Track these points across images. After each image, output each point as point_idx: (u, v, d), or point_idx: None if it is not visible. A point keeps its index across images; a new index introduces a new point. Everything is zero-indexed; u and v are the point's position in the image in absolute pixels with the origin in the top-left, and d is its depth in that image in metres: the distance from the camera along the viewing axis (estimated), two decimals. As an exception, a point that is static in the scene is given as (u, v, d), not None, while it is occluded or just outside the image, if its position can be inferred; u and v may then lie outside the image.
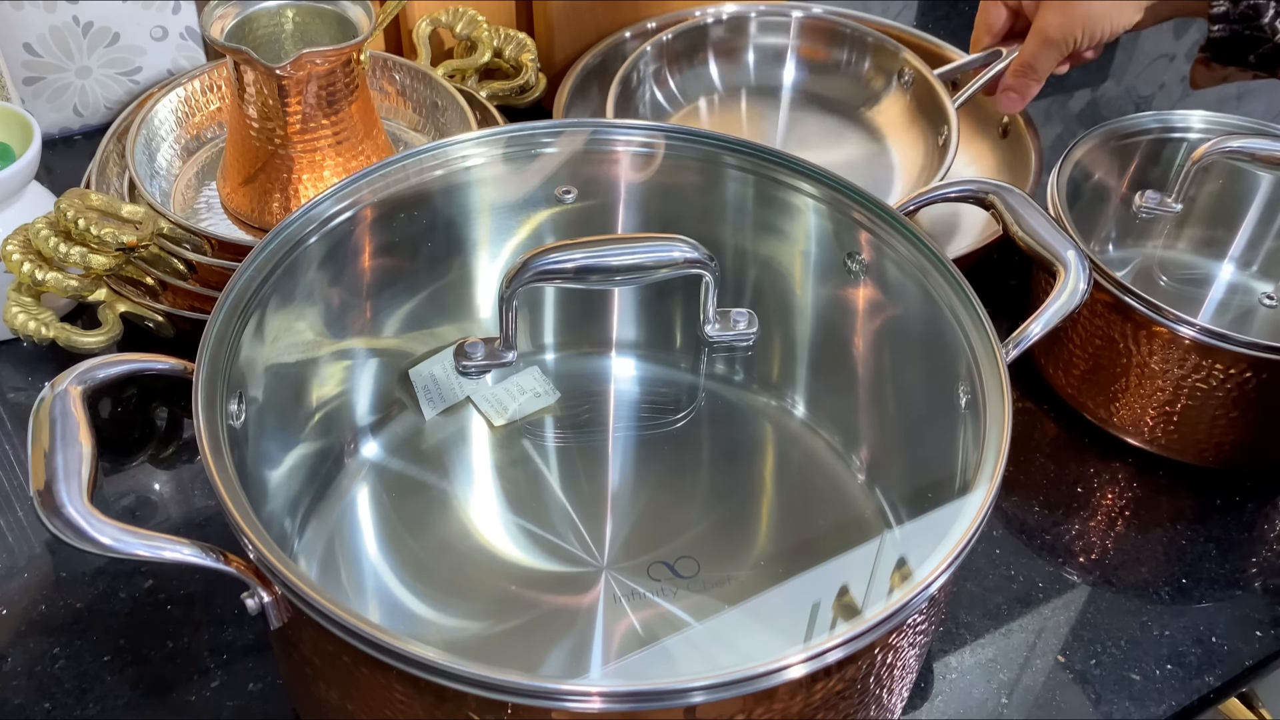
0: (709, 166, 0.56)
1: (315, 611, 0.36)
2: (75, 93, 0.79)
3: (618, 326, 0.61)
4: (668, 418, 0.59)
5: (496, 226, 0.58)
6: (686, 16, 0.86)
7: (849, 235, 0.54)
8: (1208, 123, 0.70)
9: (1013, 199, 0.53)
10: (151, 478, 0.60)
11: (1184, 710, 0.53)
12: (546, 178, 0.57)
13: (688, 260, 0.49)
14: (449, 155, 0.55)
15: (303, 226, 0.51)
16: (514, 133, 0.56)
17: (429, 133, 0.78)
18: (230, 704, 0.51)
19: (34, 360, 0.66)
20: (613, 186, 0.58)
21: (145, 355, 0.45)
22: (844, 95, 0.84)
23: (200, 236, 0.64)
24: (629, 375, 0.60)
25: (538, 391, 0.58)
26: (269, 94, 0.65)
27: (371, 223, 0.53)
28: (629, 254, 0.49)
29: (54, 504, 0.37)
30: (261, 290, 0.48)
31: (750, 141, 0.55)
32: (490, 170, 0.56)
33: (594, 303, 0.61)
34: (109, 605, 0.54)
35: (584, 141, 0.56)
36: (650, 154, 0.56)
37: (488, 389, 0.58)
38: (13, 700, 0.51)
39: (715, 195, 0.57)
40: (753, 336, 0.55)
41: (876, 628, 0.37)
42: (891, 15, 0.92)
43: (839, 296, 0.56)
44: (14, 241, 0.61)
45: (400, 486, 0.55)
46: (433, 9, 0.81)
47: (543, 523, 0.53)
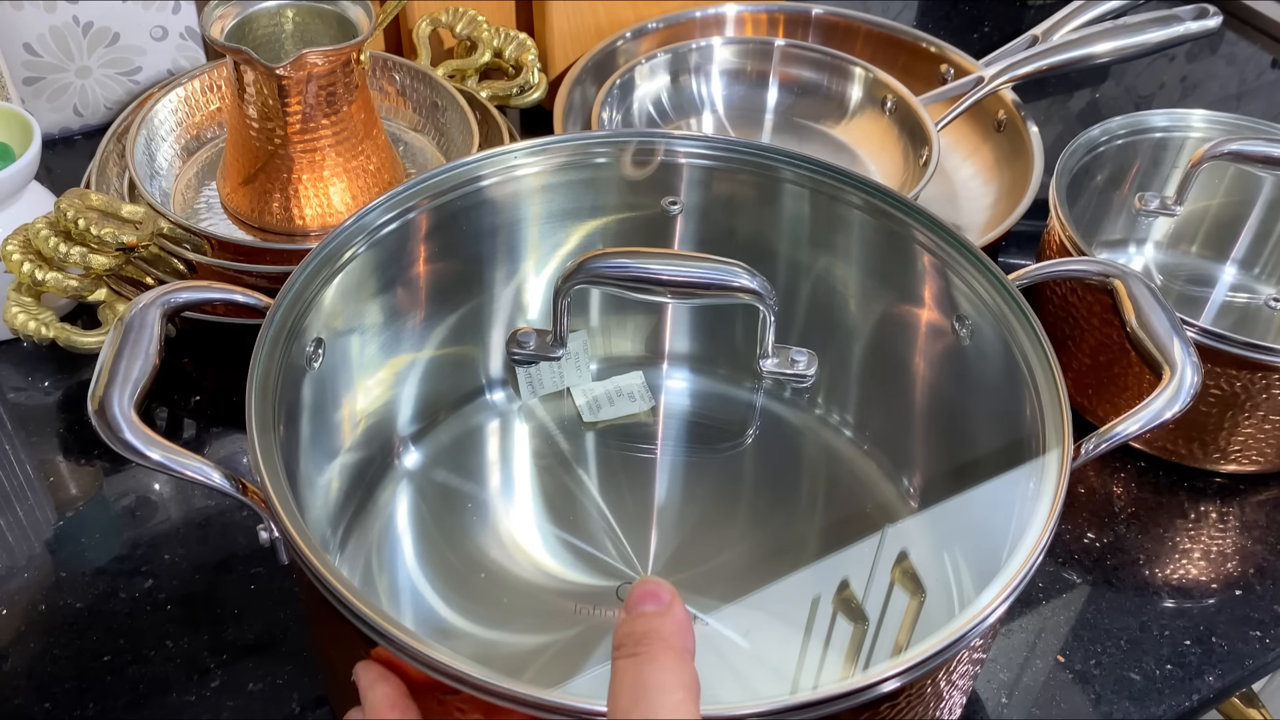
0: (774, 181, 0.55)
1: (293, 550, 0.37)
2: (75, 93, 0.79)
3: (672, 339, 0.61)
4: (719, 435, 0.58)
5: (562, 231, 0.58)
6: (687, 17, 0.86)
7: (915, 261, 0.53)
8: (1209, 123, 0.70)
9: (1137, 289, 0.49)
10: (151, 478, 0.60)
11: (1184, 710, 0.53)
12: (646, 185, 0.56)
13: (746, 289, 0.48)
14: (515, 160, 0.54)
15: (361, 227, 0.50)
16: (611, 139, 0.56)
17: (429, 133, 0.78)
18: (230, 704, 0.51)
19: (34, 360, 0.66)
20: (692, 199, 0.57)
21: (228, 285, 0.46)
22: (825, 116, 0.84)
23: (200, 236, 0.64)
24: (682, 389, 0.60)
25: (633, 395, 0.58)
26: (269, 94, 0.65)
27: (431, 226, 0.53)
28: (684, 271, 0.48)
29: (103, 406, 0.40)
30: (319, 281, 0.48)
31: (817, 159, 0.54)
32: (555, 177, 0.56)
33: (654, 312, 0.60)
34: (109, 605, 0.54)
35: (646, 151, 0.56)
36: (719, 168, 0.56)
37: (587, 384, 0.58)
38: (13, 700, 0.51)
39: (779, 210, 0.56)
40: (810, 379, 0.53)
41: (930, 660, 0.36)
42: (891, 15, 0.92)
43: (903, 323, 0.55)
44: (14, 241, 0.61)
45: (439, 495, 0.55)
46: (433, 9, 0.81)
47: (584, 536, 0.53)
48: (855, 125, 0.83)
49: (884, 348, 0.57)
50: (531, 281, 0.58)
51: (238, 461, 0.61)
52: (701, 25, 0.87)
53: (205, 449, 0.62)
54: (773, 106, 0.85)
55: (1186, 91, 0.97)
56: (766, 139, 0.83)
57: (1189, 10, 0.81)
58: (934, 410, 0.55)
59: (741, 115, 0.85)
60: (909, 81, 0.81)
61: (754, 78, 0.85)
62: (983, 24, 1.02)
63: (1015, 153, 0.79)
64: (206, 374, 0.66)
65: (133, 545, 0.57)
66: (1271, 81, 0.99)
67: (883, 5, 1.01)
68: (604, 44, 0.83)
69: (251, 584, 0.56)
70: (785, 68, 0.85)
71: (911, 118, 0.78)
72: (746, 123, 0.84)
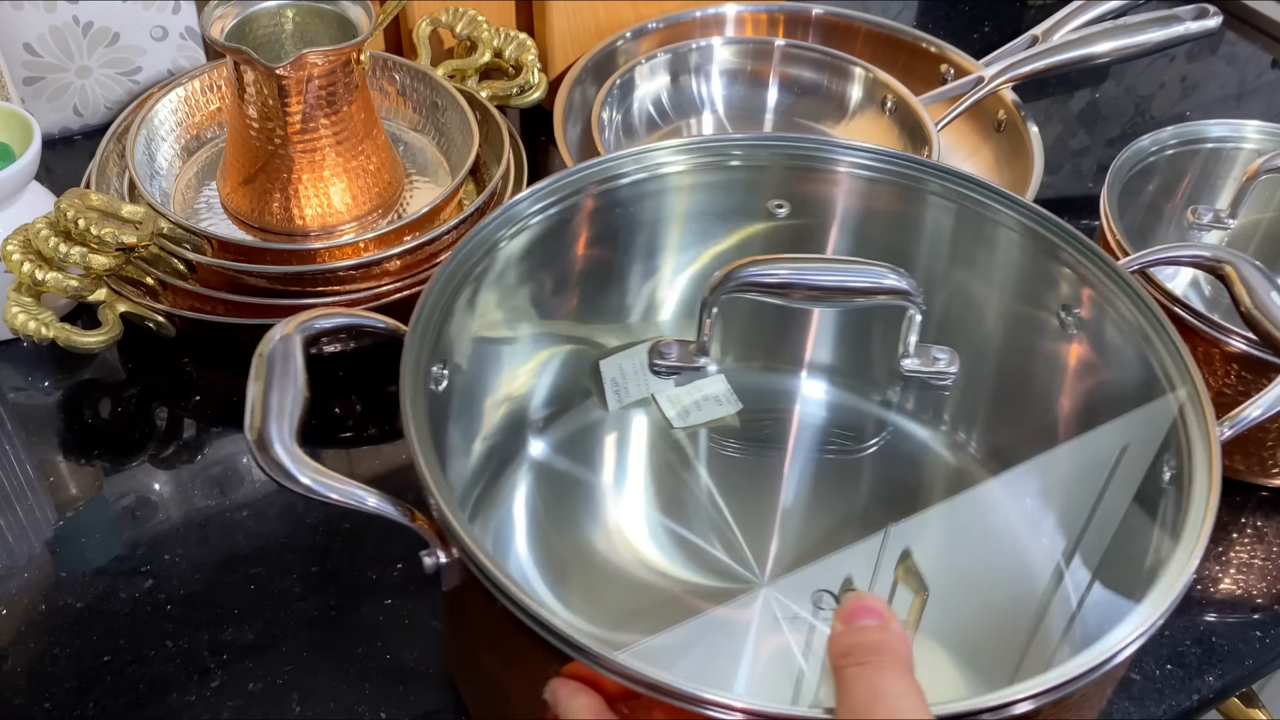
0: (918, 193, 0.55)
1: (487, 579, 0.37)
2: (75, 93, 0.79)
3: (811, 347, 0.60)
4: (847, 445, 0.58)
5: (700, 233, 0.57)
6: (687, 17, 0.86)
7: (1058, 280, 0.52)
8: (1263, 134, 0.69)
9: (1249, 273, 0.49)
10: (151, 478, 0.60)
11: (1184, 710, 0.53)
12: (757, 189, 0.56)
13: (895, 290, 0.48)
14: (657, 159, 0.54)
15: (504, 222, 0.51)
16: (730, 141, 0.55)
17: (429, 133, 0.78)
18: (230, 704, 0.51)
19: (34, 360, 0.66)
20: (821, 205, 0.56)
21: (363, 312, 0.47)
22: (825, 116, 0.84)
23: (200, 236, 0.64)
24: (814, 397, 0.59)
25: (720, 399, 0.58)
26: (269, 94, 0.65)
27: (579, 218, 0.53)
28: (836, 276, 0.48)
29: (263, 441, 0.39)
30: (473, 271, 0.49)
31: (966, 173, 0.54)
32: (699, 177, 0.55)
33: (790, 320, 0.59)
34: (109, 605, 0.54)
35: (798, 157, 0.55)
36: (864, 176, 0.55)
37: (672, 390, 0.58)
38: (13, 700, 0.51)
39: (921, 222, 0.55)
40: (951, 377, 0.53)
41: (1058, 688, 0.35)
42: (892, 15, 0.92)
43: (1039, 343, 0.54)
44: (14, 241, 0.61)
45: (564, 483, 0.55)
46: (433, 9, 0.81)
47: (705, 534, 0.53)
48: (855, 125, 0.83)
49: (1013, 363, 0.56)
50: (663, 280, 0.59)
51: (238, 463, 0.61)
52: (701, 25, 0.87)
53: (205, 449, 0.62)
54: (773, 106, 0.85)
55: (1186, 91, 0.97)
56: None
57: (1189, 10, 0.81)
58: (1065, 427, 0.54)
59: (741, 115, 0.85)
60: (909, 81, 0.81)
61: (754, 78, 0.85)
62: (983, 24, 1.02)
63: (1015, 153, 0.79)
64: (206, 374, 0.66)
65: (133, 545, 0.57)
66: (1271, 81, 0.99)
67: (883, 5, 1.01)
68: (604, 44, 0.83)
69: (251, 584, 0.56)
70: (785, 68, 0.85)
71: (911, 118, 0.78)
72: (746, 123, 0.84)
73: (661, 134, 0.83)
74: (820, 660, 0.46)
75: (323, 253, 0.65)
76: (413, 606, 0.55)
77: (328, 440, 0.63)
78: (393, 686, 0.52)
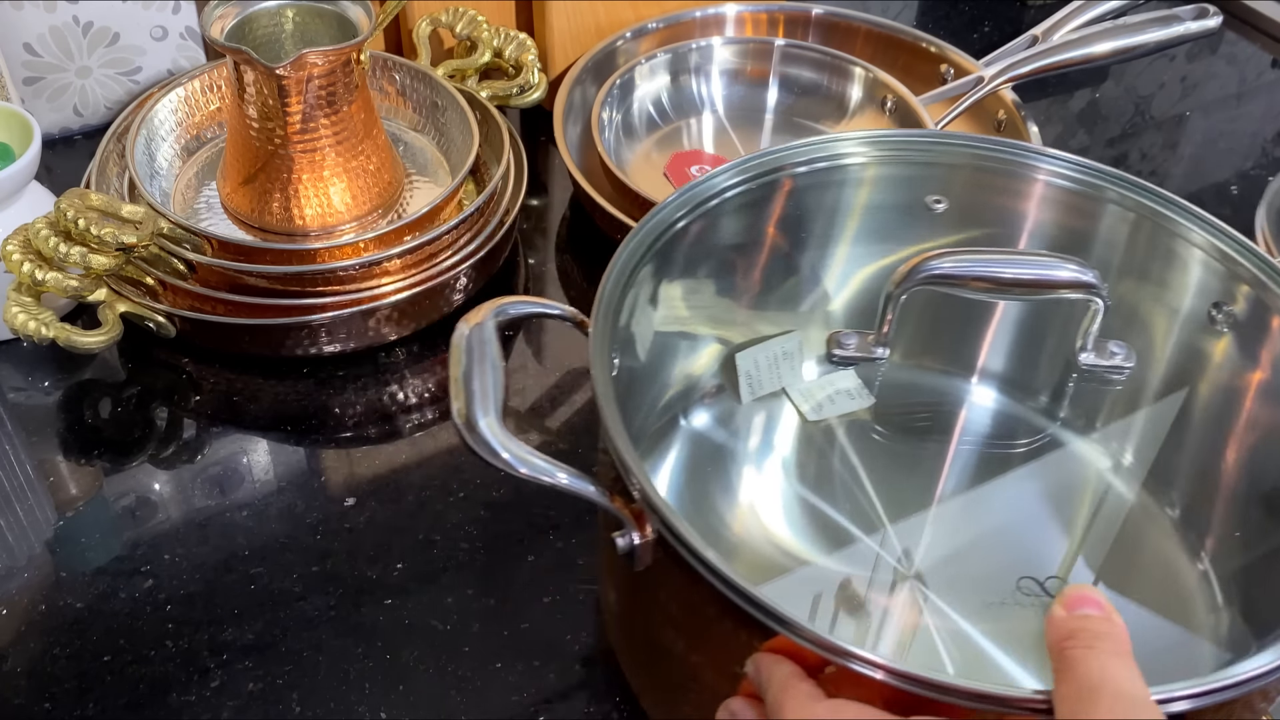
0: (1088, 198, 0.54)
1: (696, 559, 0.38)
2: (75, 93, 0.79)
3: (976, 347, 0.60)
4: (1003, 447, 0.58)
5: (862, 226, 0.58)
6: (687, 17, 0.86)
7: (1231, 294, 0.51)
8: None
9: None
10: (151, 478, 0.60)
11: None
12: (920, 184, 0.56)
13: (1081, 283, 0.49)
14: (834, 150, 0.55)
15: (680, 206, 0.51)
16: (900, 137, 0.56)
17: (429, 133, 0.78)
18: (230, 704, 0.51)
19: (34, 360, 0.66)
20: (988, 205, 0.57)
21: (546, 300, 0.48)
22: (825, 116, 0.84)
23: (200, 236, 0.64)
24: (976, 399, 0.59)
25: (852, 394, 0.58)
26: (269, 94, 0.65)
27: (747, 205, 0.54)
28: (1023, 269, 0.49)
29: (470, 422, 0.41)
30: (645, 256, 0.49)
31: (1141, 181, 0.53)
32: (864, 171, 0.56)
33: (952, 319, 0.59)
34: (109, 605, 0.54)
35: (965, 155, 0.56)
36: (1030, 178, 0.55)
37: (803, 384, 0.58)
38: (13, 700, 0.51)
39: (1090, 227, 0.55)
40: (1127, 371, 0.53)
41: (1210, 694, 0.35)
42: (891, 15, 0.92)
43: (1202, 351, 0.53)
44: (14, 241, 0.61)
45: (711, 468, 0.55)
46: (433, 9, 0.81)
47: (853, 521, 0.53)
48: (855, 125, 0.83)
49: (1181, 385, 0.55)
50: (836, 268, 0.59)
51: (238, 463, 0.61)
52: (701, 25, 0.87)
53: (205, 449, 0.62)
54: (773, 106, 0.85)
55: (1186, 91, 0.97)
56: (766, 139, 0.83)
57: (1189, 10, 0.81)
58: (1224, 438, 0.53)
59: (741, 115, 0.85)
60: (909, 81, 0.81)
61: (754, 78, 0.85)
62: (983, 24, 1.02)
63: (1015, 153, 0.79)
64: (207, 374, 0.66)
65: (133, 545, 0.57)
66: (1271, 81, 0.99)
67: (883, 5, 1.01)
68: (604, 44, 0.83)
69: (251, 584, 0.56)
70: (785, 68, 0.85)
71: (911, 118, 0.78)
72: (746, 123, 0.84)
73: (661, 134, 0.83)
74: (964, 651, 0.47)
75: (323, 253, 0.65)
76: (413, 606, 0.55)
77: (328, 441, 0.63)
78: (393, 686, 0.52)
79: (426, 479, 0.61)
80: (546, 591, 0.56)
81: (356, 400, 0.65)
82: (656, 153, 0.81)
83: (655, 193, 0.70)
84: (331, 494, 0.60)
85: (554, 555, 0.58)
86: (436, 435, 0.63)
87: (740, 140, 0.82)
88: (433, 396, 0.66)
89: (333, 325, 0.64)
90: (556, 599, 0.56)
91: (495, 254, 0.71)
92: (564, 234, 0.77)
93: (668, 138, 0.82)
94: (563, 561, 0.57)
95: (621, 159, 0.79)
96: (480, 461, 0.40)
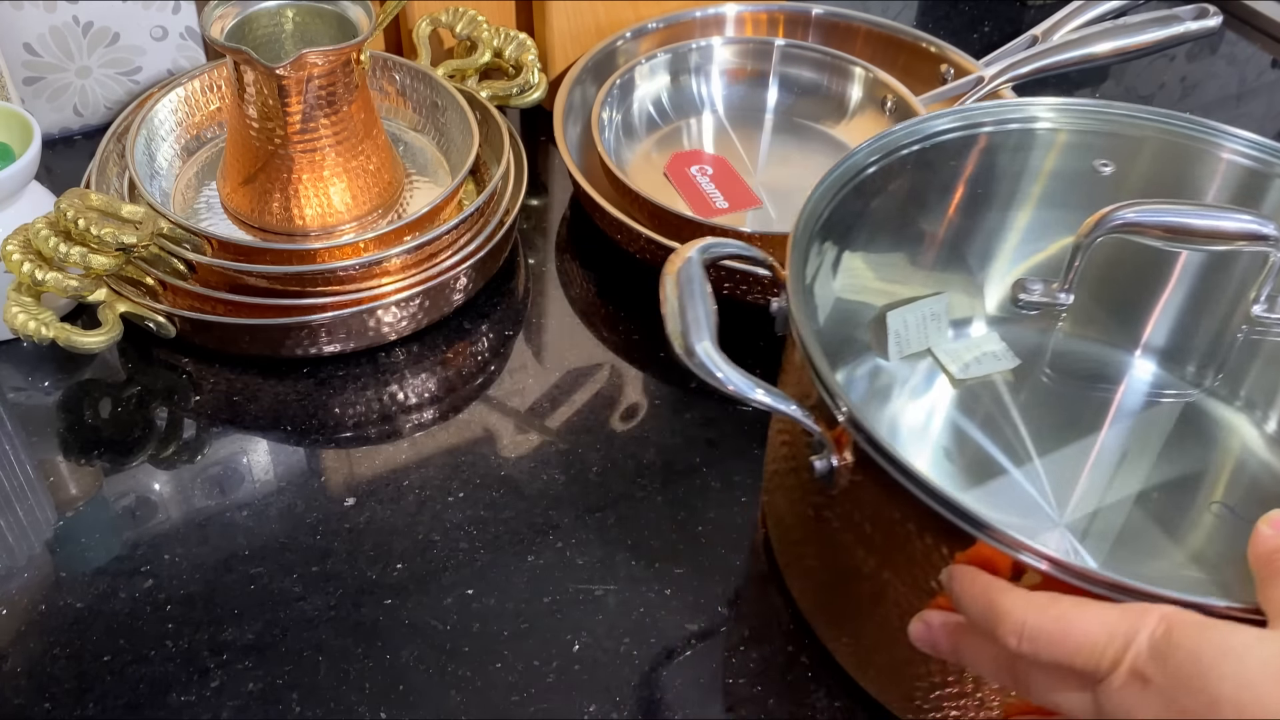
0: (1264, 176, 0.57)
1: (903, 473, 0.41)
2: (75, 93, 0.80)
3: (1142, 317, 0.61)
4: (1159, 409, 0.59)
5: (1041, 191, 0.60)
6: (687, 17, 0.86)
7: None
8: None
9: None
10: (151, 478, 0.60)
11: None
12: (1092, 151, 0.59)
13: (1260, 234, 0.51)
14: (1024, 113, 0.58)
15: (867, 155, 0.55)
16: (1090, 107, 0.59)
17: (429, 133, 0.78)
18: (230, 704, 0.51)
19: (34, 360, 0.66)
20: (1164, 177, 0.59)
21: (742, 242, 0.50)
22: (825, 116, 0.84)
23: (200, 236, 0.65)
24: (1127, 365, 0.60)
25: (998, 355, 0.59)
26: (269, 94, 0.65)
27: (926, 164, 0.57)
28: (1212, 219, 0.51)
29: (688, 347, 0.44)
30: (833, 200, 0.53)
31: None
32: (1038, 137, 0.59)
33: (1113, 284, 0.61)
34: (109, 605, 0.54)
35: (1151, 129, 0.58)
36: (1212, 155, 0.57)
37: (948, 345, 0.60)
38: (13, 700, 0.51)
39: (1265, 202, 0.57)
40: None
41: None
42: (892, 15, 0.92)
43: None
44: (14, 241, 0.61)
45: (875, 416, 0.57)
46: (433, 9, 0.81)
47: (1007, 467, 0.55)
48: (855, 125, 0.83)
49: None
50: (1004, 229, 0.61)
51: (238, 463, 0.61)
52: (701, 25, 0.87)
53: (205, 449, 0.62)
54: (773, 106, 0.85)
55: (1186, 91, 0.97)
56: (766, 139, 0.83)
57: (1189, 10, 0.81)
58: None
59: (741, 115, 0.85)
60: (909, 81, 0.81)
61: (754, 78, 0.85)
62: (983, 24, 1.02)
63: (1015, 153, 0.79)
64: (206, 374, 0.66)
65: (133, 545, 0.57)
66: (1271, 81, 0.99)
67: (883, 5, 1.01)
68: (604, 44, 0.83)
69: (251, 584, 0.56)
70: (785, 68, 0.85)
71: (912, 118, 0.78)
72: (746, 123, 0.84)
73: (661, 134, 0.83)
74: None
75: (323, 253, 0.65)
76: (412, 606, 0.55)
77: (328, 441, 0.63)
78: (393, 686, 0.52)
79: (426, 479, 0.61)
80: (546, 592, 0.56)
81: (356, 400, 0.65)
82: (656, 153, 0.81)
83: (655, 193, 0.70)
84: (331, 494, 0.60)
85: (554, 555, 0.58)
86: (436, 435, 0.63)
87: (740, 140, 0.82)
88: (433, 396, 0.66)
89: (333, 325, 0.64)
90: (556, 599, 0.56)
91: (495, 254, 0.71)
92: (564, 234, 0.77)
93: (668, 138, 0.82)
94: (563, 561, 0.57)
95: (621, 159, 0.79)
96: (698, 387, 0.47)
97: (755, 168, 0.80)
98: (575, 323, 0.71)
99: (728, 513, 0.60)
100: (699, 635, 0.55)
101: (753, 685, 0.53)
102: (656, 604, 0.56)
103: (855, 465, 0.44)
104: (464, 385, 0.67)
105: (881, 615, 0.48)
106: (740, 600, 0.56)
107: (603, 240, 0.74)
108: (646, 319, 0.71)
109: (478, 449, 0.63)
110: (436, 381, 0.66)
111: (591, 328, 0.71)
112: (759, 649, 0.54)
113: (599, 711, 0.52)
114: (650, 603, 0.56)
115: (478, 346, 0.69)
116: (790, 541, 0.55)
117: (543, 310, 0.72)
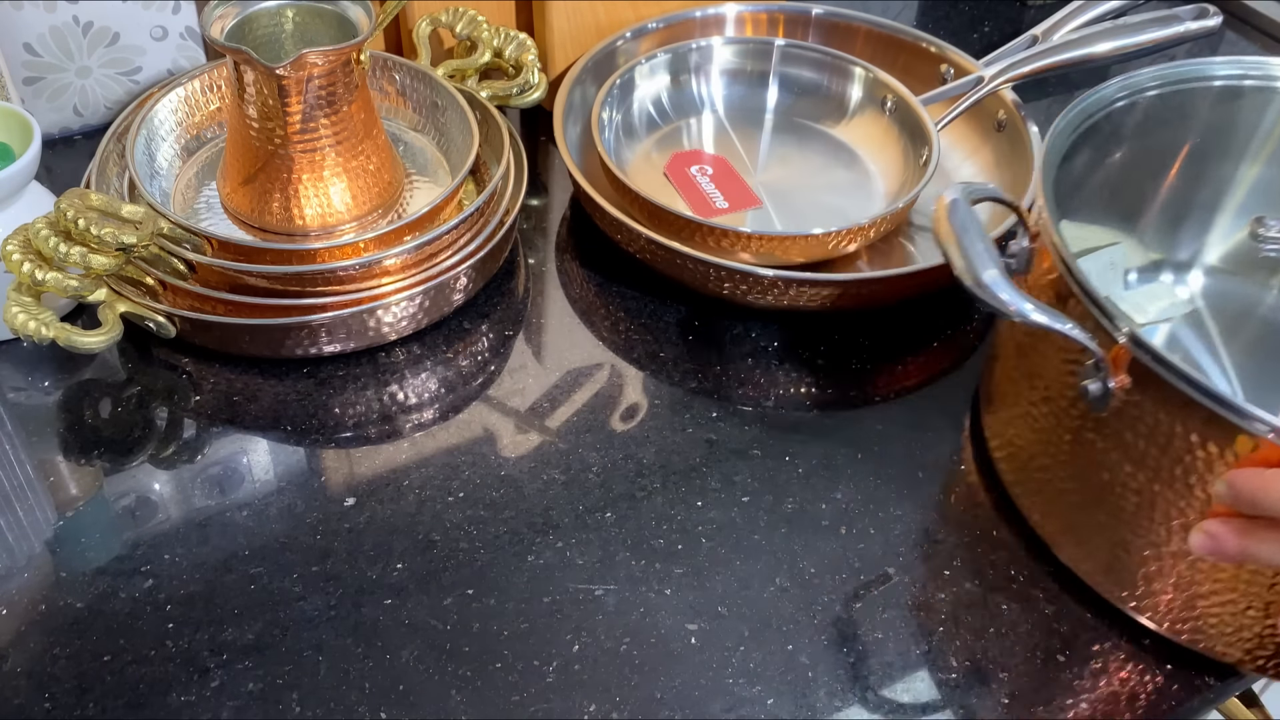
0: None
1: (1189, 383, 0.44)
2: (75, 93, 0.80)
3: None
4: None
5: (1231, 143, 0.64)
6: (687, 17, 0.86)
7: None
8: None
9: None
10: (151, 478, 0.60)
11: (1184, 710, 0.53)
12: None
13: None
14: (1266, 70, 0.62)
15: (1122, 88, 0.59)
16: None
17: (429, 133, 0.78)
18: (230, 704, 0.51)
19: (34, 360, 0.66)
20: None
21: (995, 186, 0.54)
22: (825, 116, 0.84)
23: (200, 236, 0.65)
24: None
25: (1173, 300, 0.62)
26: (269, 94, 0.65)
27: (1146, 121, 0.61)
28: None
29: (976, 278, 0.48)
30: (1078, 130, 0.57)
31: None
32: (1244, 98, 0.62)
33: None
34: (109, 605, 0.54)
35: None
36: None
37: (1122, 292, 0.63)
38: (13, 700, 0.51)
39: None
40: None
41: None
42: (892, 15, 0.92)
43: None
44: (14, 241, 0.61)
45: None
46: (433, 9, 0.81)
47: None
48: (855, 125, 0.83)
49: None
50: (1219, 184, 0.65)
51: (238, 463, 0.61)
52: (701, 25, 0.87)
53: (205, 449, 0.62)
54: (773, 106, 0.85)
55: (1186, 91, 0.97)
56: (766, 139, 0.83)
57: (1189, 10, 0.81)
58: None
59: (741, 115, 0.85)
60: (909, 81, 0.81)
61: (754, 78, 0.85)
62: (983, 24, 1.02)
63: (1015, 153, 0.79)
64: (206, 374, 0.66)
65: (133, 545, 0.57)
66: (1271, 81, 0.99)
67: (883, 5, 1.01)
68: (604, 44, 0.83)
69: (251, 584, 0.56)
70: (785, 68, 0.85)
71: (911, 118, 0.78)
72: (746, 123, 0.84)
73: (661, 134, 0.83)
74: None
75: (323, 253, 0.65)
76: (412, 606, 0.55)
77: (328, 441, 0.63)
78: (393, 686, 0.52)
79: (426, 479, 0.61)
80: (546, 592, 0.56)
81: (356, 400, 0.65)
82: (656, 153, 0.81)
83: (655, 193, 0.70)
84: (331, 494, 0.60)
85: (554, 555, 0.58)
86: (436, 435, 0.63)
87: (740, 140, 0.82)
88: (433, 396, 0.66)
89: (333, 325, 0.64)
90: (556, 599, 0.56)
91: (495, 254, 0.71)
92: (564, 234, 0.77)
93: (668, 138, 0.82)
94: (563, 561, 0.57)
95: (621, 159, 0.79)
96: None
97: (755, 168, 0.80)
98: (575, 323, 0.71)
99: (727, 513, 0.60)
100: (699, 635, 0.55)
101: (753, 685, 0.53)
102: (656, 604, 0.56)
103: (1134, 384, 0.47)
104: (464, 385, 0.67)
105: (1146, 529, 0.51)
106: (740, 600, 0.56)
107: (603, 240, 0.74)
108: (647, 319, 0.71)
109: (478, 449, 0.63)
110: (436, 381, 0.66)
111: (591, 328, 0.71)
112: (759, 648, 0.54)
113: (599, 711, 0.52)
114: (650, 603, 0.56)
115: (478, 346, 0.69)
116: (1036, 469, 0.57)
117: (543, 310, 0.72)
